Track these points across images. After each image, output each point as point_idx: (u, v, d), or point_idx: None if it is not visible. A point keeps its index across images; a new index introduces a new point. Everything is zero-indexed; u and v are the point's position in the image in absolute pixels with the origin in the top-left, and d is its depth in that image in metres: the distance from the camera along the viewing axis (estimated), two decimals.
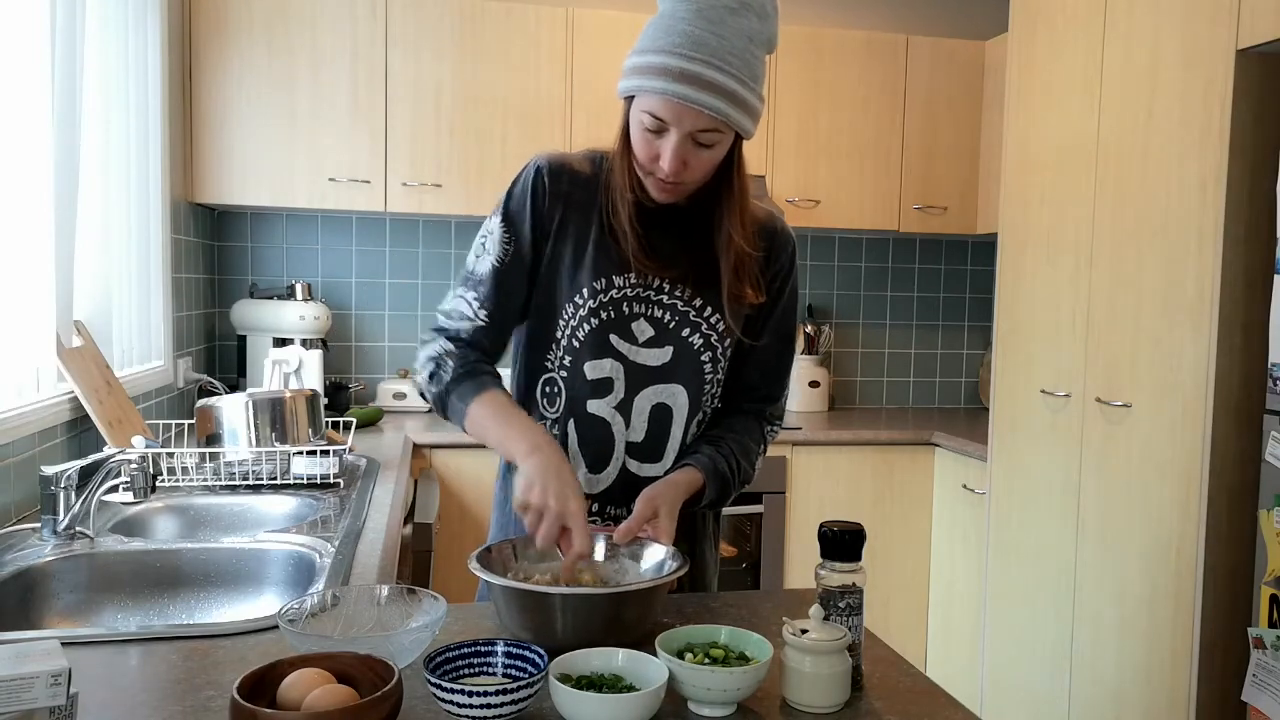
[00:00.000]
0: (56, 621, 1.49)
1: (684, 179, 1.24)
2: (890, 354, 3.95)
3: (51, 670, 0.79)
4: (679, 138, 1.20)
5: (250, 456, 2.06)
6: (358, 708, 0.82)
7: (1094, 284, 2.42)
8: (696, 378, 1.36)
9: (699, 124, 1.19)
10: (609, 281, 1.32)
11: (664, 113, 1.19)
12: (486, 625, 1.18)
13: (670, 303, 1.34)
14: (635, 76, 1.21)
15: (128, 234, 2.52)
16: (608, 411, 1.34)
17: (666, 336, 1.34)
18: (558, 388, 1.35)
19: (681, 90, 1.16)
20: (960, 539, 3.14)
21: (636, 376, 1.34)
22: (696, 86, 1.16)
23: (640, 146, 1.24)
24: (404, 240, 3.52)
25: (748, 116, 1.21)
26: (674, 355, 1.34)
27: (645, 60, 1.19)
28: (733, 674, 0.93)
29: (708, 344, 1.35)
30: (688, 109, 1.17)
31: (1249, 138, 2.01)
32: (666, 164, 1.21)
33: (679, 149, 1.20)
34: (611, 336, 1.32)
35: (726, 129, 1.21)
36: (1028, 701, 2.66)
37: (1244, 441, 2.06)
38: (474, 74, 3.17)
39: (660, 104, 1.18)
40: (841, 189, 3.47)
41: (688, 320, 1.34)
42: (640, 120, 1.22)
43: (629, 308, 1.33)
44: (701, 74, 1.16)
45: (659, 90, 1.17)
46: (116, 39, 2.41)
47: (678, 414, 1.36)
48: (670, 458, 1.37)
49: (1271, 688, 1.82)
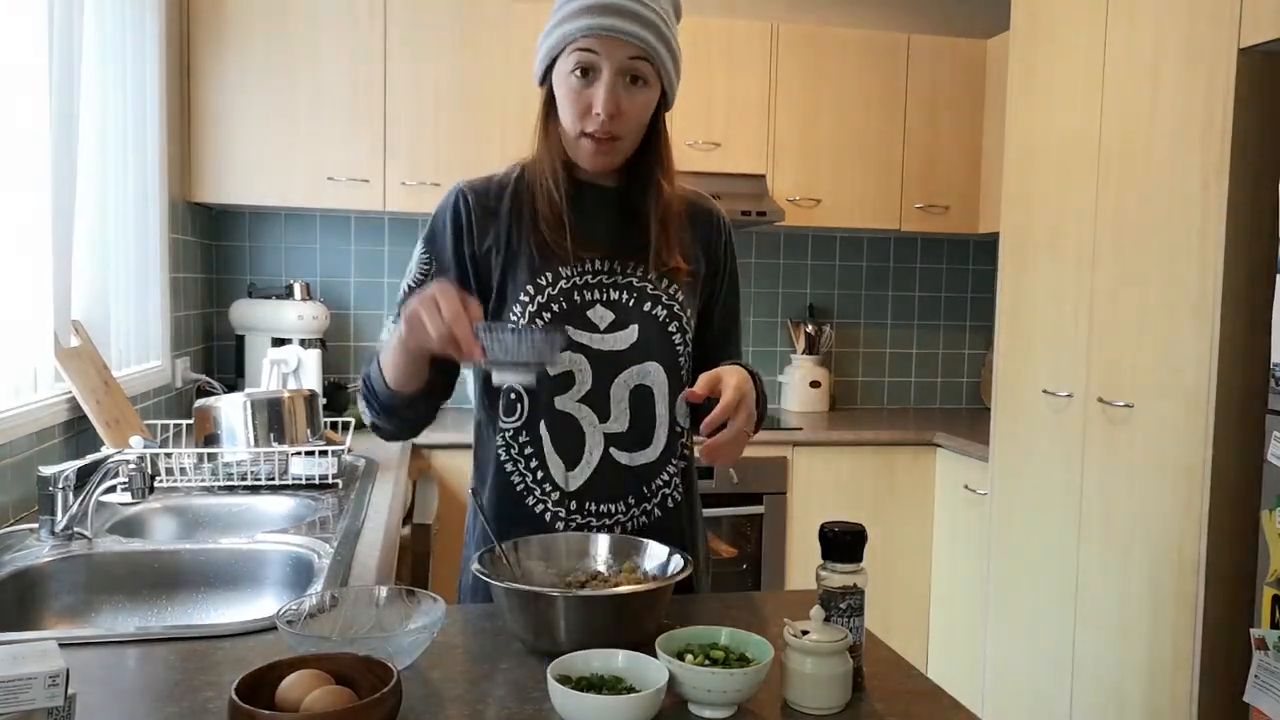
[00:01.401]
0: (54, 622, 1.48)
1: (618, 130, 1.26)
2: (892, 354, 3.95)
3: (49, 671, 0.79)
4: (610, 74, 1.23)
5: (248, 457, 2.06)
6: (356, 709, 0.82)
7: (1096, 283, 2.42)
8: (669, 351, 1.35)
9: (628, 53, 1.23)
10: (555, 274, 1.31)
11: (594, 46, 1.22)
12: (486, 627, 1.18)
13: (625, 281, 1.33)
14: (556, 33, 1.25)
15: (126, 233, 2.51)
16: (573, 405, 1.32)
17: (629, 315, 1.33)
18: (517, 393, 1.33)
19: (607, 21, 1.21)
20: (962, 540, 3.14)
21: (605, 365, 1.32)
22: (621, 17, 1.22)
23: (570, 105, 1.26)
24: (403, 239, 3.51)
25: (670, 57, 1.27)
26: (640, 333, 1.33)
27: (564, 12, 1.25)
28: (733, 675, 0.93)
29: (671, 314, 1.34)
30: (615, 40, 1.22)
31: (1251, 136, 2.01)
32: (600, 105, 1.23)
33: (612, 87, 1.23)
34: (569, 329, 1.31)
35: (653, 68, 1.25)
36: (1029, 702, 2.66)
37: (1246, 441, 2.05)
38: (474, 73, 3.16)
39: (589, 41, 1.22)
40: (842, 188, 3.46)
41: (647, 294, 1.34)
42: (568, 73, 1.25)
43: (580, 296, 1.32)
44: (623, 5, 1.22)
45: (585, 28, 1.22)
46: (114, 37, 2.41)
47: (658, 392, 1.34)
48: (661, 441, 1.35)
49: (1274, 689, 1.82)
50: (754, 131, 3.37)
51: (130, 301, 2.55)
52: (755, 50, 3.35)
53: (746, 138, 3.37)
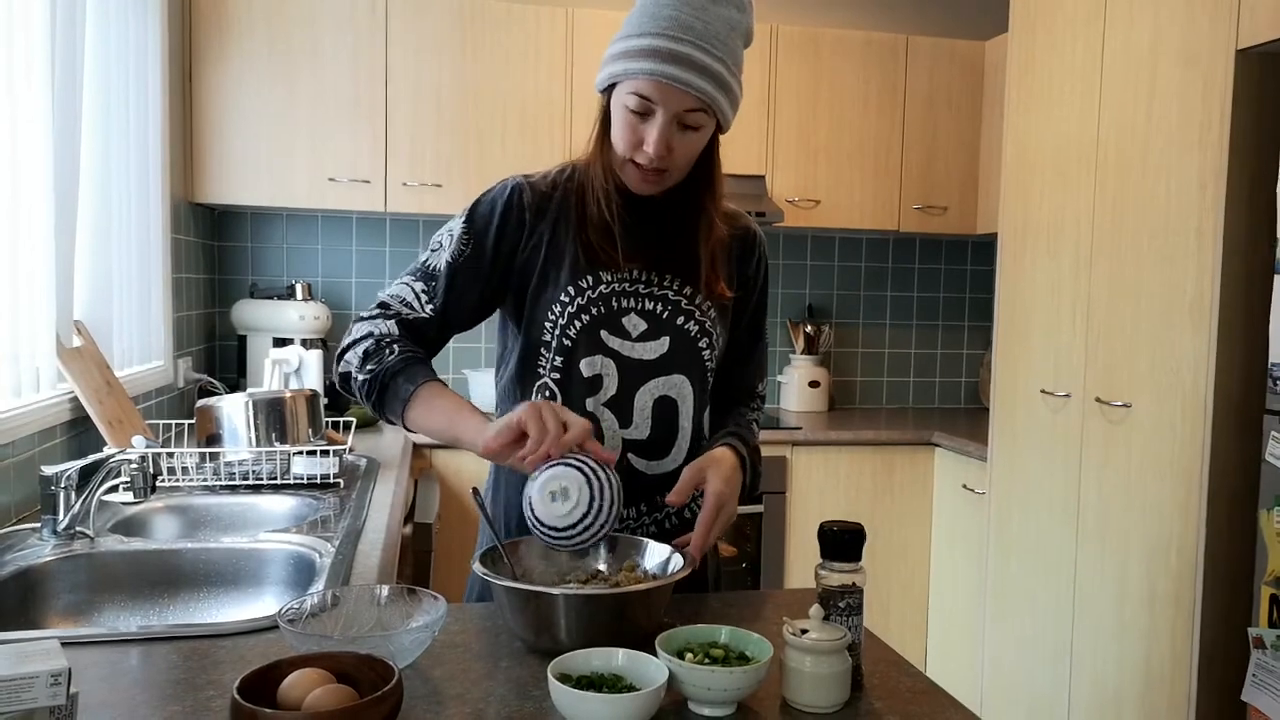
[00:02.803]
0: (56, 621, 1.48)
1: (667, 165, 1.25)
2: (890, 354, 3.95)
3: (51, 670, 0.79)
4: (665, 119, 1.21)
5: (250, 456, 2.06)
6: (357, 708, 0.82)
7: (1094, 284, 2.42)
8: (697, 366, 1.36)
9: (685, 104, 1.20)
10: (596, 278, 1.32)
11: (652, 93, 1.20)
12: (488, 626, 1.18)
13: (661, 294, 1.34)
14: (620, 62, 1.22)
15: (128, 234, 2.52)
16: (597, 409, 1.32)
17: (661, 327, 1.34)
18: (550, 392, 1.33)
19: (670, 70, 1.18)
20: (960, 539, 3.14)
21: (633, 373, 1.33)
22: (684, 67, 1.18)
23: (623, 134, 1.25)
24: (404, 240, 3.52)
25: (730, 103, 1.24)
26: (671, 345, 1.34)
27: (630, 45, 1.21)
28: (733, 674, 0.93)
29: (703, 330, 1.35)
30: (675, 89, 1.19)
31: (1249, 137, 2.01)
32: (652, 147, 1.22)
33: (665, 131, 1.22)
34: (603, 333, 1.32)
35: (710, 113, 1.23)
36: (1028, 701, 2.66)
37: (1244, 441, 2.06)
38: (474, 74, 3.17)
39: (648, 85, 1.20)
40: (841, 189, 3.47)
41: (680, 309, 1.34)
42: (624, 105, 1.23)
43: (618, 303, 1.32)
44: (689, 55, 1.18)
45: (647, 72, 1.19)
46: (117, 38, 2.41)
47: (683, 406, 1.35)
48: (681, 453, 1.36)
49: (1271, 688, 1.82)
50: (753, 132, 3.38)
51: (132, 301, 2.56)
52: (754, 51, 3.35)
53: (745, 138, 3.37)
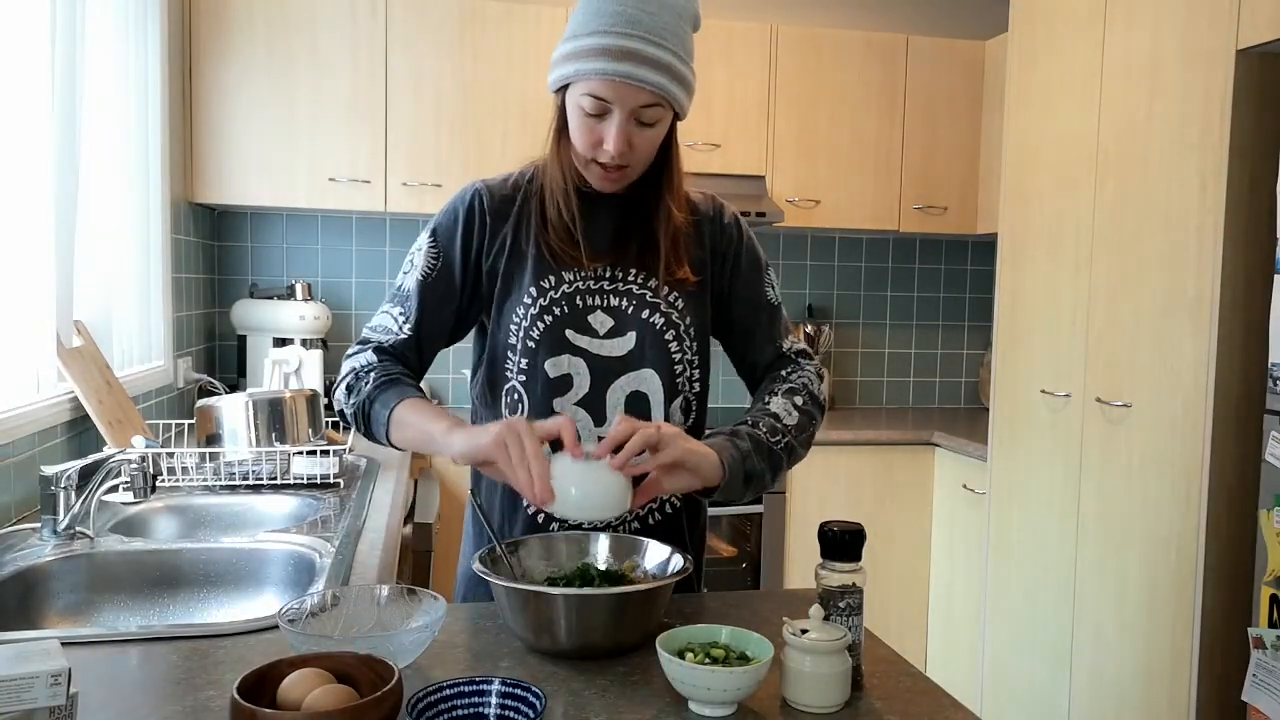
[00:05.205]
0: (56, 621, 1.48)
1: (628, 162, 1.24)
2: (890, 354, 3.95)
3: (51, 670, 0.79)
4: (622, 117, 1.20)
5: (250, 456, 2.06)
6: (358, 708, 0.82)
7: (1094, 284, 2.42)
8: (664, 359, 1.34)
9: (641, 100, 1.19)
10: (558, 278, 1.31)
11: (606, 93, 1.18)
12: (487, 625, 1.18)
13: (625, 289, 1.33)
14: (571, 62, 1.20)
15: (128, 234, 2.52)
16: (569, 409, 1.32)
17: (627, 322, 1.33)
18: (518, 395, 1.33)
19: (622, 68, 1.17)
20: (960, 539, 3.14)
21: (603, 371, 1.32)
22: (635, 63, 1.17)
23: (581, 134, 1.23)
24: (404, 240, 3.52)
25: (685, 93, 1.23)
26: (637, 340, 1.33)
27: (580, 45, 1.19)
28: (733, 674, 0.93)
29: (669, 322, 1.34)
30: (629, 87, 1.18)
31: (1249, 137, 2.01)
32: (612, 145, 1.21)
33: (623, 129, 1.20)
34: (568, 332, 1.31)
35: (667, 105, 1.22)
36: (1028, 701, 2.66)
37: (1244, 441, 2.06)
38: (474, 74, 3.17)
39: (602, 85, 1.18)
40: (841, 189, 3.47)
41: (645, 302, 1.33)
42: (580, 106, 1.21)
43: (583, 301, 1.32)
44: (640, 50, 1.17)
45: (599, 71, 1.17)
46: (116, 38, 2.41)
47: (653, 399, 1.34)
48: None
49: (1271, 687, 1.82)
50: (753, 132, 3.38)
51: (132, 302, 2.56)
52: (754, 51, 3.36)
53: (746, 139, 3.37)
